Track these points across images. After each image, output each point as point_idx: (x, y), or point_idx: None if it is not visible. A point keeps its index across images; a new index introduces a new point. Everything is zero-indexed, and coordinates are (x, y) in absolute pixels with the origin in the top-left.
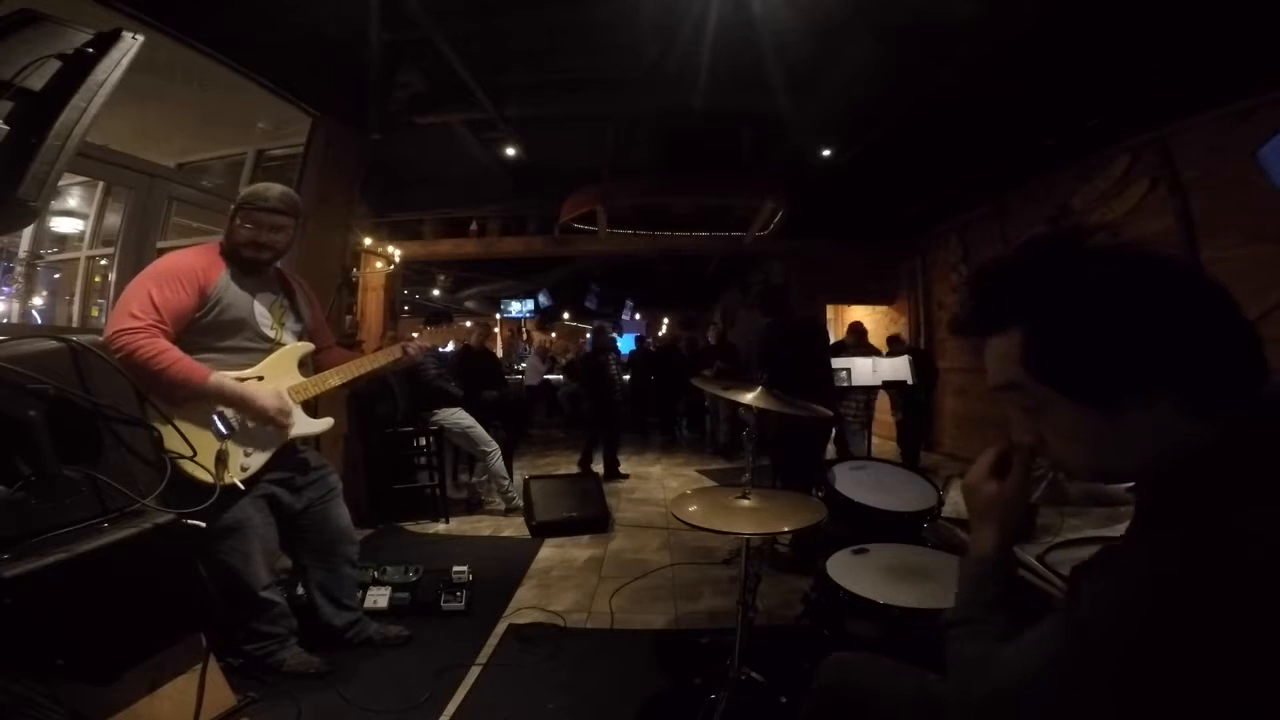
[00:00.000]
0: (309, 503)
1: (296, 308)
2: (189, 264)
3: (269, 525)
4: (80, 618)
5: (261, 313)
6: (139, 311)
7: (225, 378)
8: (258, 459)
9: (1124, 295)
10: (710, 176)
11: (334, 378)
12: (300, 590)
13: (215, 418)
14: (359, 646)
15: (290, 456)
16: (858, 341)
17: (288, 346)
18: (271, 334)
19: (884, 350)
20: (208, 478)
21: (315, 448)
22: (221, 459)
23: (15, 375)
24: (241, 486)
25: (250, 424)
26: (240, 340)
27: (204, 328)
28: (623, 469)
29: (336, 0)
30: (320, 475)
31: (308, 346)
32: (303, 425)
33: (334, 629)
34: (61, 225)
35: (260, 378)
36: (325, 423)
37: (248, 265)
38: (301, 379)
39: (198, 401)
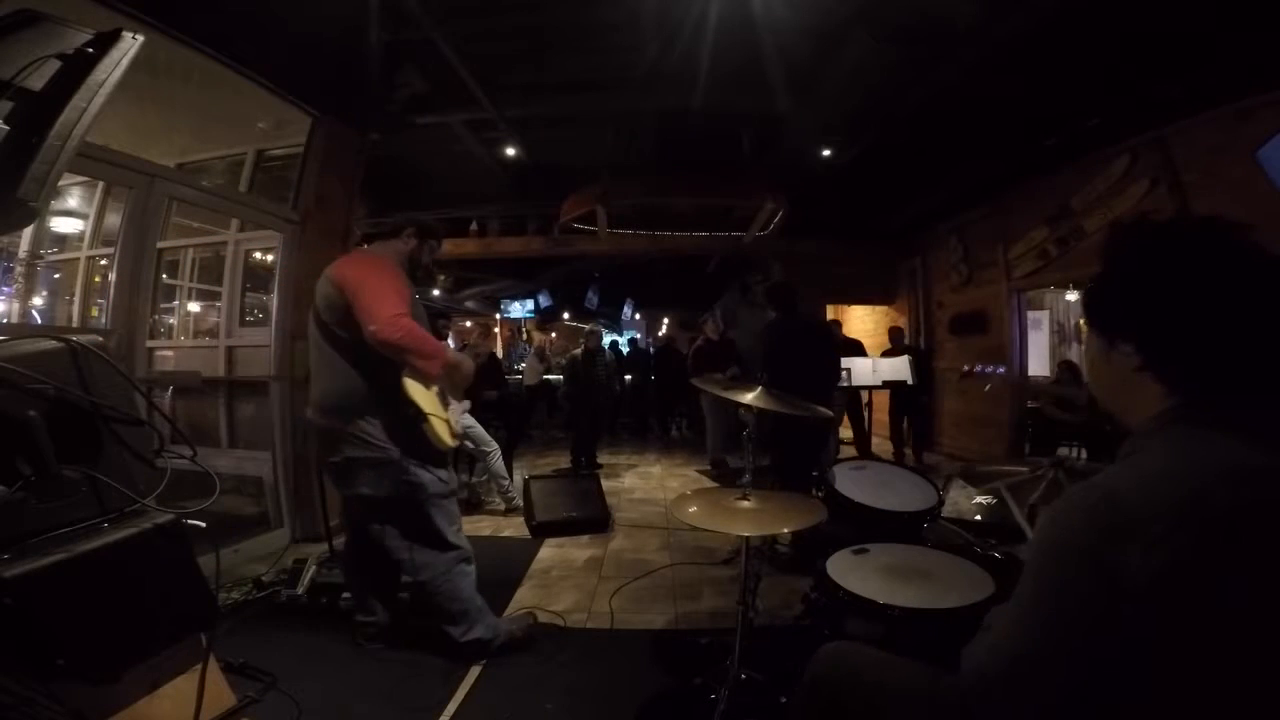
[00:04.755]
0: None
1: None
2: (396, 266)
3: None
4: (80, 618)
5: None
6: (399, 301)
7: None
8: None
9: None
10: (710, 176)
11: None
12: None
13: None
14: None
15: None
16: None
17: None
18: None
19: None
20: (447, 442)
21: None
22: (449, 425)
23: (15, 375)
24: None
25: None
26: None
27: None
28: (624, 470)
29: (336, 0)
30: None
31: None
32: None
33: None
34: (61, 225)
35: None
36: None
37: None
38: None
39: (441, 376)
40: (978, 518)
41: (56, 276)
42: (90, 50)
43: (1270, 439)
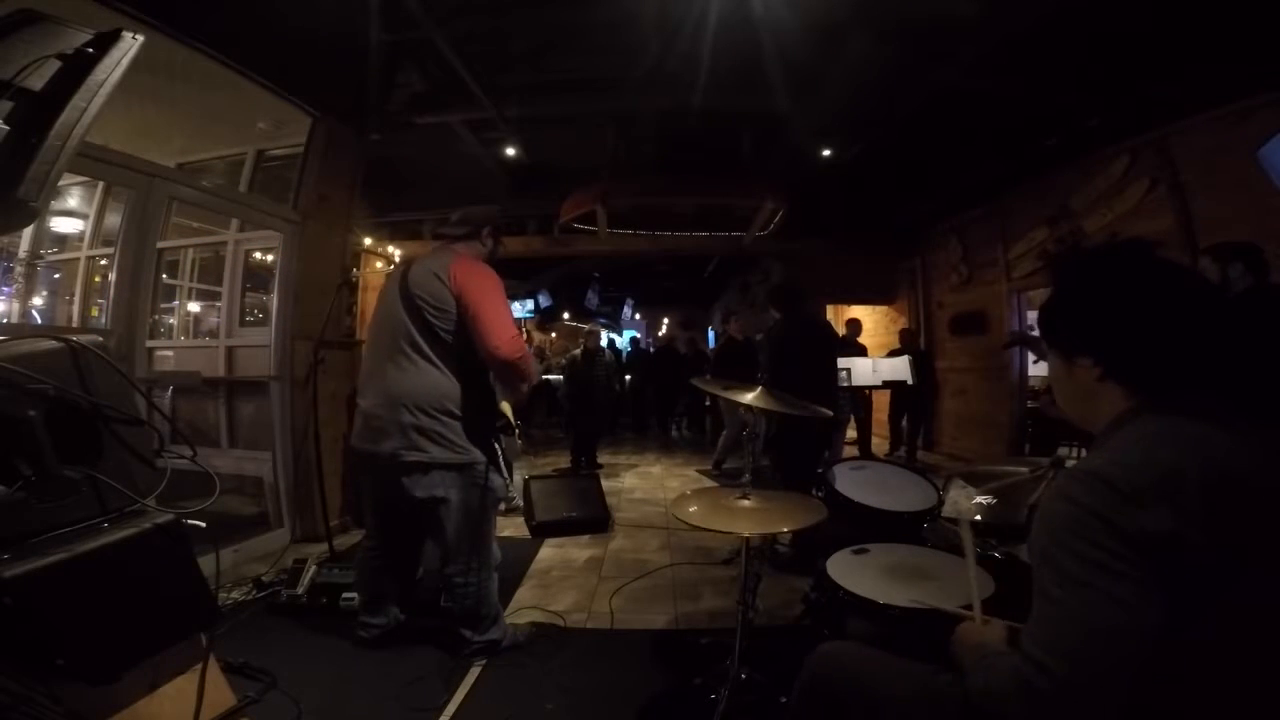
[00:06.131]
0: None
1: None
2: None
3: None
4: (80, 618)
5: None
6: (513, 319)
7: None
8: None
9: None
10: (710, 176)
11: None
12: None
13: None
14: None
15: None
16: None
17: None
18: None
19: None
20: (517, 452)
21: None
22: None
23: (15, 375)
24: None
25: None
26: None
27: None
28: (624, 470)
29: (336, 0)
30: None
31: None
32: None
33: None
34: (61, 225)
35: None
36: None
37: None
38: None
39: (521, 396)
40: (978, 518)
41: (56, 276)
42: (90, 50)
43: (1224, 418)
